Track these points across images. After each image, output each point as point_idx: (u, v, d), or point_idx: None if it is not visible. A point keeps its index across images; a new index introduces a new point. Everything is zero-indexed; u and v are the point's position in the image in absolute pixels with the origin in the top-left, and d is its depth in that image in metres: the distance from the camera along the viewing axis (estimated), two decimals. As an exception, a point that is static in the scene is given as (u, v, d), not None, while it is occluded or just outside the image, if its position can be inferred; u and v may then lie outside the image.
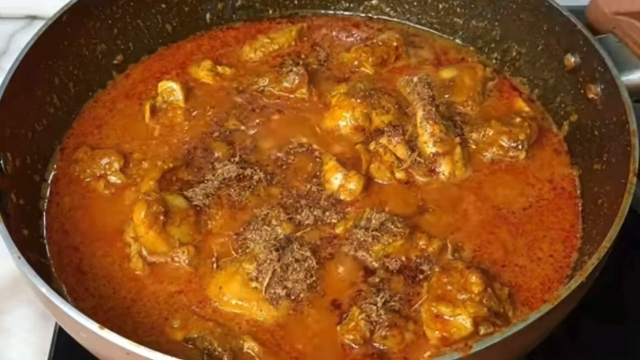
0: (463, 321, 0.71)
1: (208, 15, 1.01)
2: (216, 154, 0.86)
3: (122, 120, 0.91)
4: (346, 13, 1.04)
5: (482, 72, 0.94)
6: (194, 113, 0.91)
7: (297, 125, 0.90)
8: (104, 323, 0.64)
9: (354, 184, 0.82)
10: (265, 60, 0.97)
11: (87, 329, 0.64)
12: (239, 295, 0.74)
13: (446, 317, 0.72)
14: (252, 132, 0.89)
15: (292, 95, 0.92)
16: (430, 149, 0.84)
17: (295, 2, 1.03)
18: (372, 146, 0.85)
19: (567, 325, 0.71)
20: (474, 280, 0.73)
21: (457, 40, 1.00)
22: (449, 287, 0.74)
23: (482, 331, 0.71)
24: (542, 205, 0.83)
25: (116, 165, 0.85)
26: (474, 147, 0.87)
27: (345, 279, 0.77)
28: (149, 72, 0.97)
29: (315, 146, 0.87)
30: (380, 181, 0.84)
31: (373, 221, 0.78)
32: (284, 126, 0.90)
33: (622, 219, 0.70)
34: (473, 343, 0.63)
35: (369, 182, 0.84)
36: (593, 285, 0.69)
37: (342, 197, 0.82)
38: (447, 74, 0.94)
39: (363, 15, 1.04)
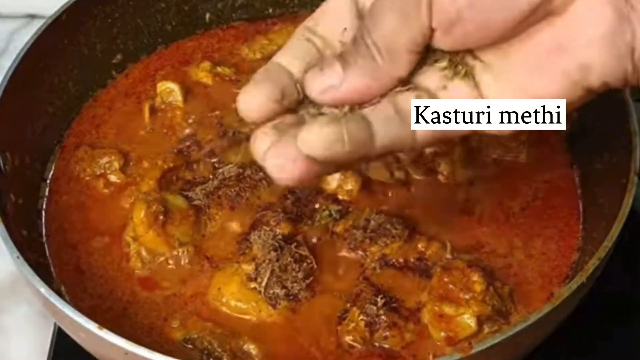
0: (468, 320, 0.71)
1: (208, 15, 1.01)
2: (216, 154, 0.86)
3: (121, 119, 0.91)
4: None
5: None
6: (193, 113, 0.91)
7: (296, 125, 0.90)
8: (103, 323, 0.64)
9: (351, 185, 0.82)
10: (264, 60, 0.97)
11: (85, 329, 0.64)
12: (237, 296, 0.74)
13: (451, 317, 0.72)
14: (251, 132, 0.89)
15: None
16: (429, 148, 0.84)
17: (296, 1, 1.02)
18: (371, 145, 0.85)
19: (567, 325, 0.71)
20: (476, 279, 0.73)
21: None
22: (451, 287, 0.73)
23: (486, 329, 0.71)
24: (541, 205, 0.83)
25: (116, 165, 0.85)
26: (474, 146, 0.87)
27: (344, 279, 0.76)
28: (148, 71, 0.97)
29: (314, 146, 0.87)
30: (379, 181, 0.84)
31: (372, 222, 0.78)
32: (283, 126, 0.90)
33: (624, 219, 0.69)
34: (474, 343, 0.63)
35: (368, 182, 0.83)
36: (593, 286, 0.69)
37: (340, 197, 0.82)
38: (447, 74, 0.94)
39: (363, 15, 1.03)
